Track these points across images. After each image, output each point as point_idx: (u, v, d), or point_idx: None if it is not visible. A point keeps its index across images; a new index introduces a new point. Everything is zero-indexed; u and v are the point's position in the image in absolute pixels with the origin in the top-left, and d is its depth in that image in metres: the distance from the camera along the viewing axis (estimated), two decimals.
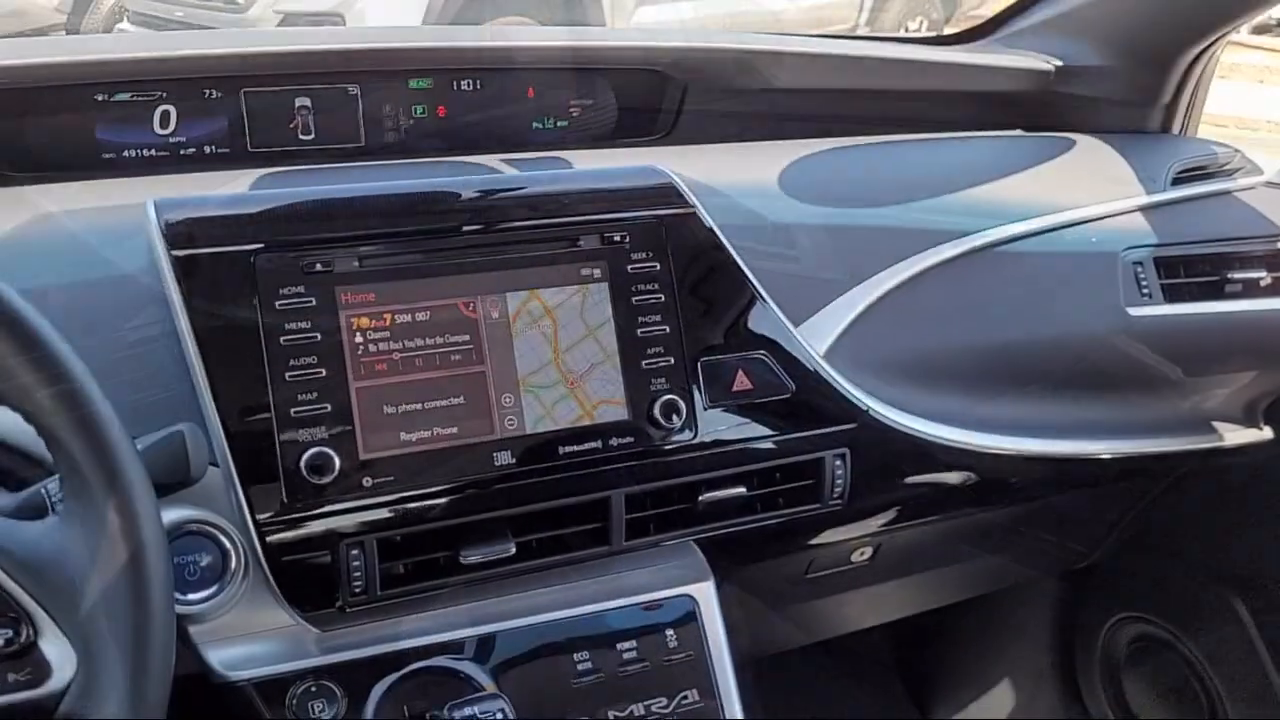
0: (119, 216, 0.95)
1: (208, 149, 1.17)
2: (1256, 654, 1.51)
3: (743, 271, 1.05)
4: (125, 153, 1.14)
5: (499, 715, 0.84)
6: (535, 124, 1.28)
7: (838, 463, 1.07)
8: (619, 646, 0.97)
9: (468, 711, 0.84)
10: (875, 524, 1.18)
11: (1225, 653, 1.56)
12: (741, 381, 1.03)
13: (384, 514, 0.90)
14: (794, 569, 1.29)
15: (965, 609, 1.91)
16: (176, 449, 0.77)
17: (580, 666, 0.95)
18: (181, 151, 1.16)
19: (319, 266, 0.90)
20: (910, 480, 1.16)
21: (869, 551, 1.33)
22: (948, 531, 1.36)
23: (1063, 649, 1.83)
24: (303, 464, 0.87)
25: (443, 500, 0.92)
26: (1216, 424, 1.35)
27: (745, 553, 1.13)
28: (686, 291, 1.02)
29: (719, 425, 1.02)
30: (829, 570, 1.33)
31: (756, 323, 1.05)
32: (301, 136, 1.20)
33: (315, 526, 0.88)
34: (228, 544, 0.86)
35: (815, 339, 1.08)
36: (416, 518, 0.91)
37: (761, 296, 1.05)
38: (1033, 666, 1.87)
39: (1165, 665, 1.64)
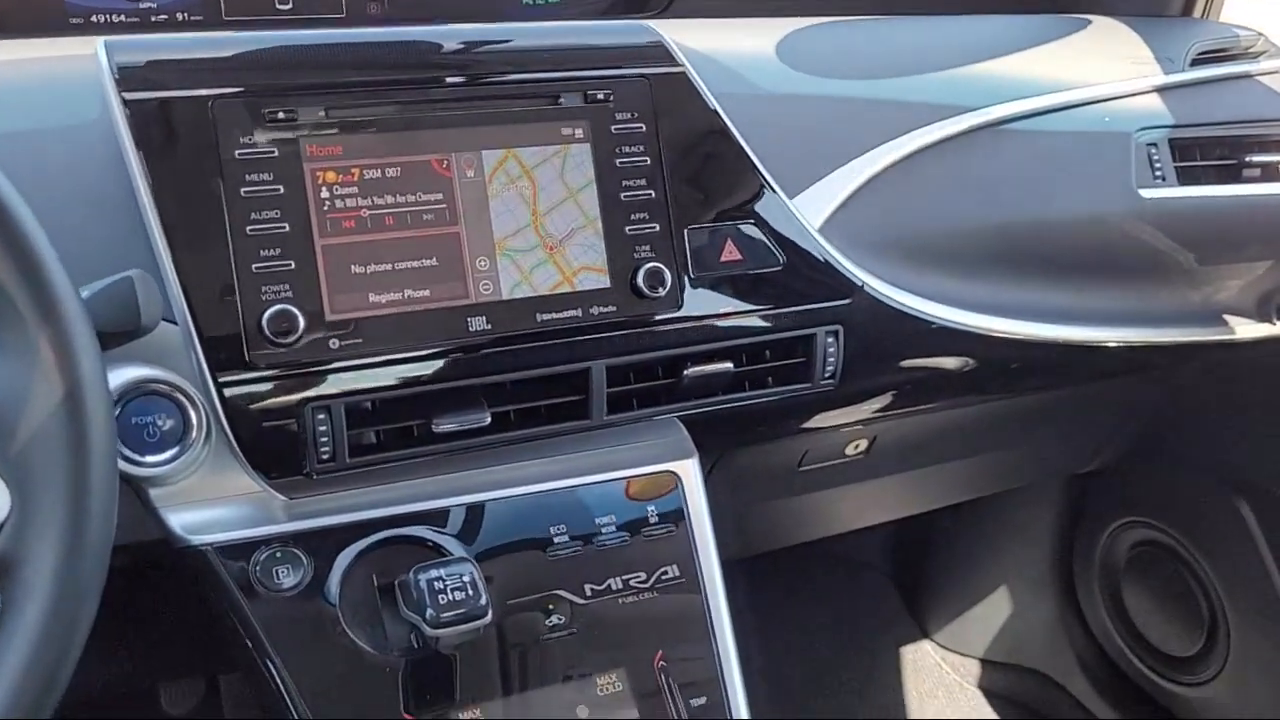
0: (73, 65, 0.90)
1: (180, 15, 1.12)
2: (1261, 559, 1.48)
3: (734, 137, 1.00)
4: (94, 17, 1.09)
5: (466, 578, 0.81)
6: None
7: (830, 340, 1.03)
8: (598, 521, 0.93)
9: (434, 574, 0.81)
10: (869, 409, 1.14)
11: (1229, 558, 1.53)
12: (730, 251, 0.98)
13: (352, 378, 0.86)
14: (786, 459, 1.26)
15: (962, 515, 1.88)
16: (125, 294, 0.73)
17: (557, 540, 0.91)
18: (153, 18, 1.11)
19: (282, 115, 0.85)
20: (905, 364, 1.11)
21: (864, 445, 1.30)
22: (945, 425, 1.33)
23: (1061, 556, 1.80)
24: (265, 322, 0.83)
25: (414, 365, 0.88)
26: (1228, 317, 1.30)
27: (733, 435, 1.10)
28: (674, 156, 0.97)
29: (706, 297, 0.97)
30: (822, 463, 1.30)
31: (747, 191, 1.00)
32: (279, 5, 1.14)
33: (279, 389, 0.85)
34: (188, 405, 0.83)
35: (810, 212, 1.03)
36: (386, 383, 0.87)
37: (753, 164, 1.00)
38: (1030, 574, 1.85)
39: (1166, 571, 1.61)
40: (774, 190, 1.01)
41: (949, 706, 1.89)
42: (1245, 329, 1.30)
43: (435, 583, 0.80)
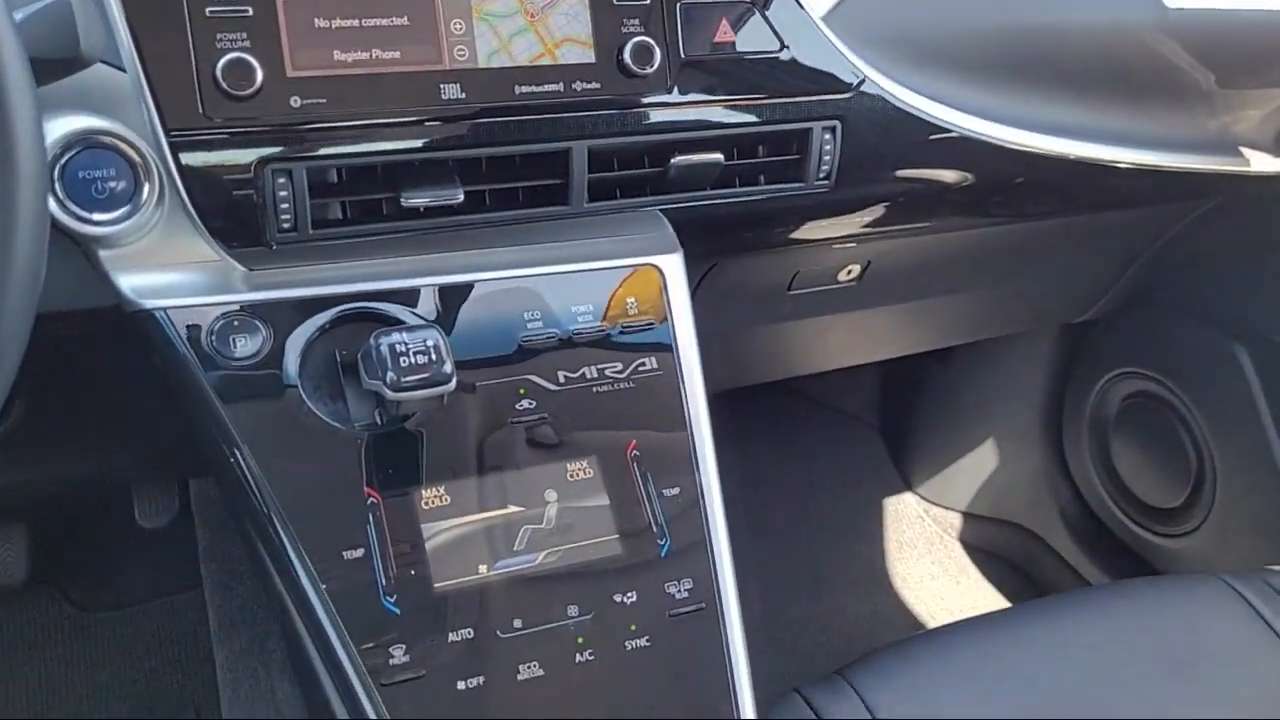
0: None
1: None
2: (1256, 410, 1.45)
3: None
4: None
5: (430, 343, 0.77)
6: None
7: (827, 137, 0.97)
8: (574, 310, 0.89)
9: (396, 338, 0.77)
10: (861, 221, 1.09)
11: (1223, 408, 1.50)
12: (725, 31, 0.92)
13: (314, 140, 0.81)
14: (776, 279, 1.21)
15: (953, 366, 1.86)
16: (63, 15, 0.67)
17: (530, 326, 0.87)
18: None
19: None
20: (903, 173, 1.06)
21: (856, 270, 1.25)
22: (941, 255, 1.28)
23: (1050, 410, 1.78)
24: (219, 72, 0.77)
25: (381, 132, 0.82)
26: (1244, 149, 1.24)
27: (720, 239, 1.05)
28: None
29: (697, 80, 0.91)
30: (813, 288, 1.25)
31: None
32: None
33: (236, 147, 0.79)
34: (138, 161, 0.77)
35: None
36: (350, 148, 0.82)
37: None
38: (1018, 427, 1.83)
39: (1157, 422, 1.59)
40: None
41: (928, 557, 1.90)
42: (1261, 162, 1.25)
43: (397, 346, 0.76)
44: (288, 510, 0.77)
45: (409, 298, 0.85)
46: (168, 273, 0.81)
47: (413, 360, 0.76)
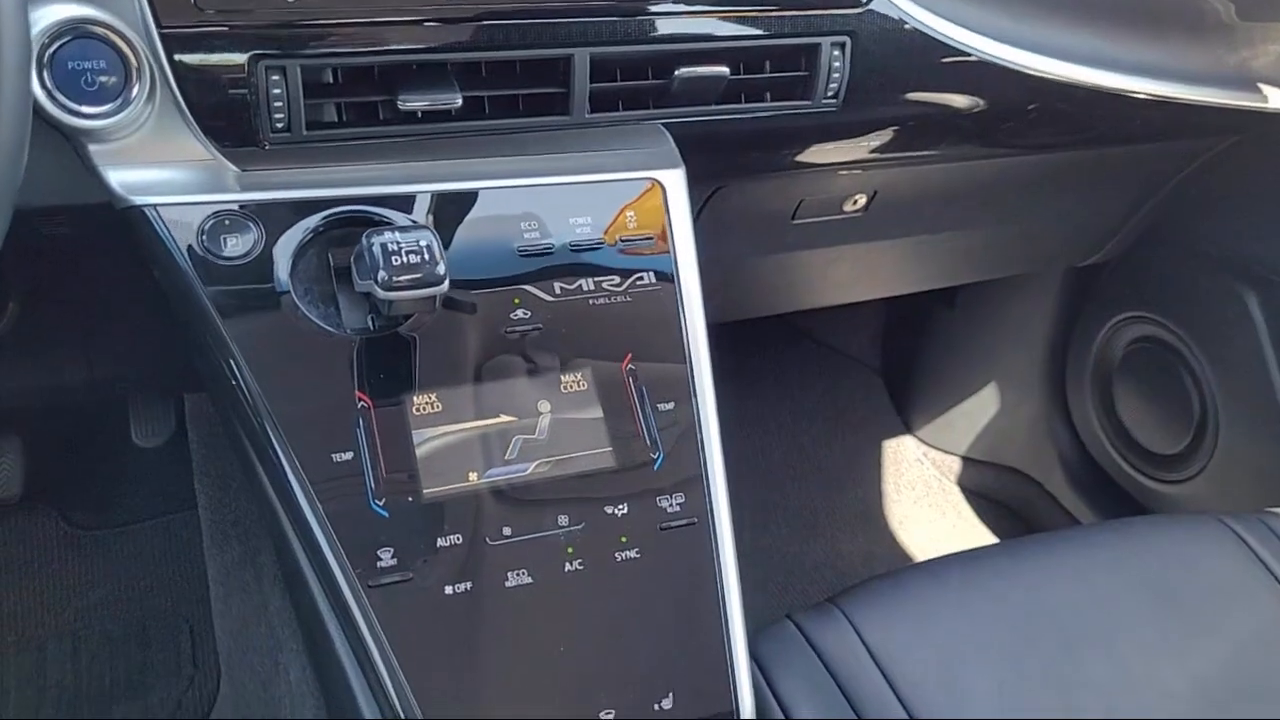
0: None
1: None
2: (1262, 356, 1.44)
3: None
4: None
5: (423, 243, 0.75)
6: None
7: (835, 53, 0.95)
8: (571, 221, 0.87)
9: (388, 237, 0.76)
10: (869, 145, 1.06)
11: (1229, 353, 1.49)
12: None
13: (309, 38, 0.79)
14: (780, 207, 1.19)
15: (957, 310, 1.84)
16: None
17: (527, 236, 0.86)
18: None
19: None
20: (913, 96, 1.03)
21: (862, 200, 1.23)
22: (949, 187, 1.26)
23: (1054, 354, 1.77)
24: None
25: (378, 31, 0.80)
26: (1263, 86, 1.22)
27: (723, 159, 1.03)
28: None
29: None
30: (818, 217, 1.23)
31: None
32: None
33: (229, 43, 0.77)
34: (129, 53, 0.76)
35: None
36: (346, 46, 0.80)
37: None
38: (1020, 372, 1.82)
39: (1162, 367, 1.58)
40: None
41: (925, 500, 1.90)
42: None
43: (389, 245, 0.75)
44: (276, 411, 0.77)
45: (403, 204, 0.84)
46: (159, 170, 0.80)
47: (405, 259, 0.74)
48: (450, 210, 0.85)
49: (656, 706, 0.77)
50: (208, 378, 0.84)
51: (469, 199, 0.86)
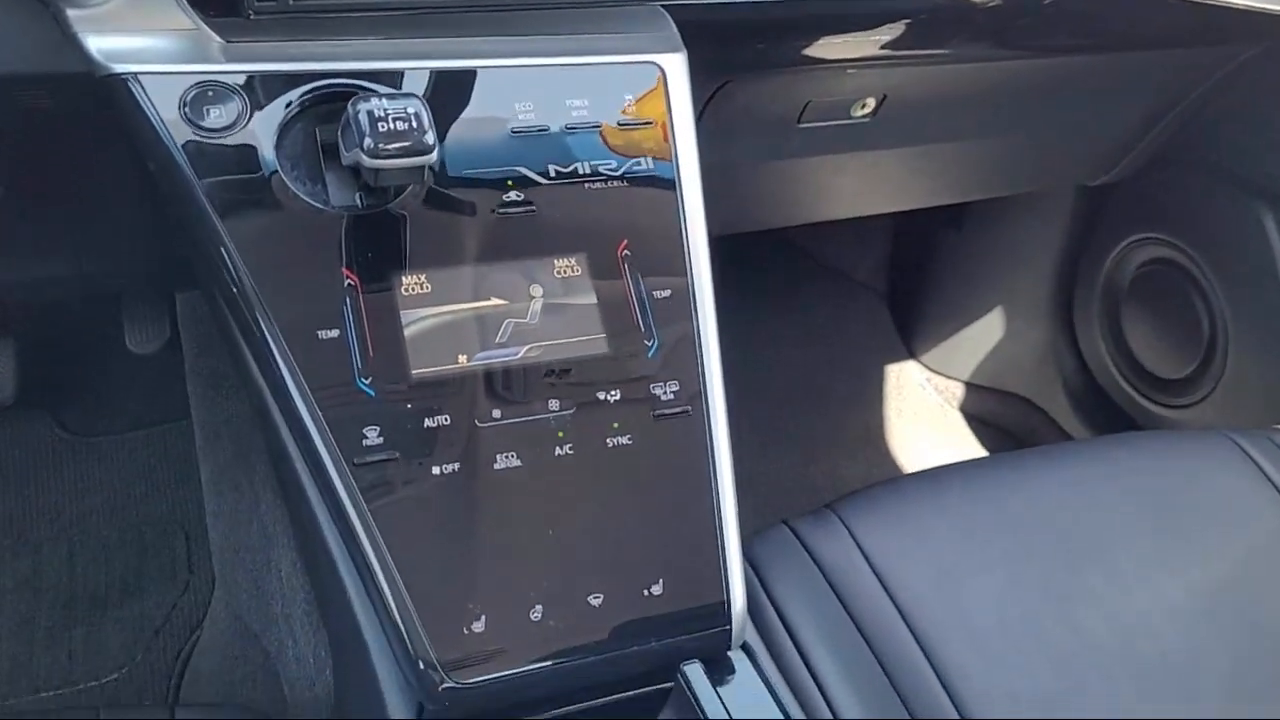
0: None
1: None
2: (1276, 276, 1.41)
3: None
4: None
5: (411, 110, 0.73)
6: None
7: None
8: (568, 103, 0.84)
9: (375, 104, 0.73)
10: (880, 40, 1.03)
11: (1242, 274, 1.46)
12: None
13: None
14: (786, 108, 1.16)
15: (965, 232, 1.81)
16: None
17: (522, 117, 0.83)
18: None
19: None
20: None
21: (871, 104, 1.20)
22: (959, 90, 1.22)
23: (1062, 280, 1.74)
24: None
25: None
26: None
27: (727, 48, 0.99)
28: None
29: None
30: (825, 121, 1.20)
31: None
32: None
33: None
34: None
35: None
36: None
37: None
38: (1028, 299, 1.79)
39: (1172, 290, 1.55)
40: None
41: (927, 425, 1.88)
42: None
43: (376, 112, 0.72)
44: (261, 287, 0.74)
45: (392, 80, 0.81)
46: (140, 38, 0.77)
47: (392, 127, 0.72)
48: (442, 88, 0.82)
49: (645, 592, 0.75)
50: (194, 261, 0.82)
51: (461, 77, 0.83)
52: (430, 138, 0.73)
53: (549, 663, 0.73)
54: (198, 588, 1.40)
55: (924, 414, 1.89)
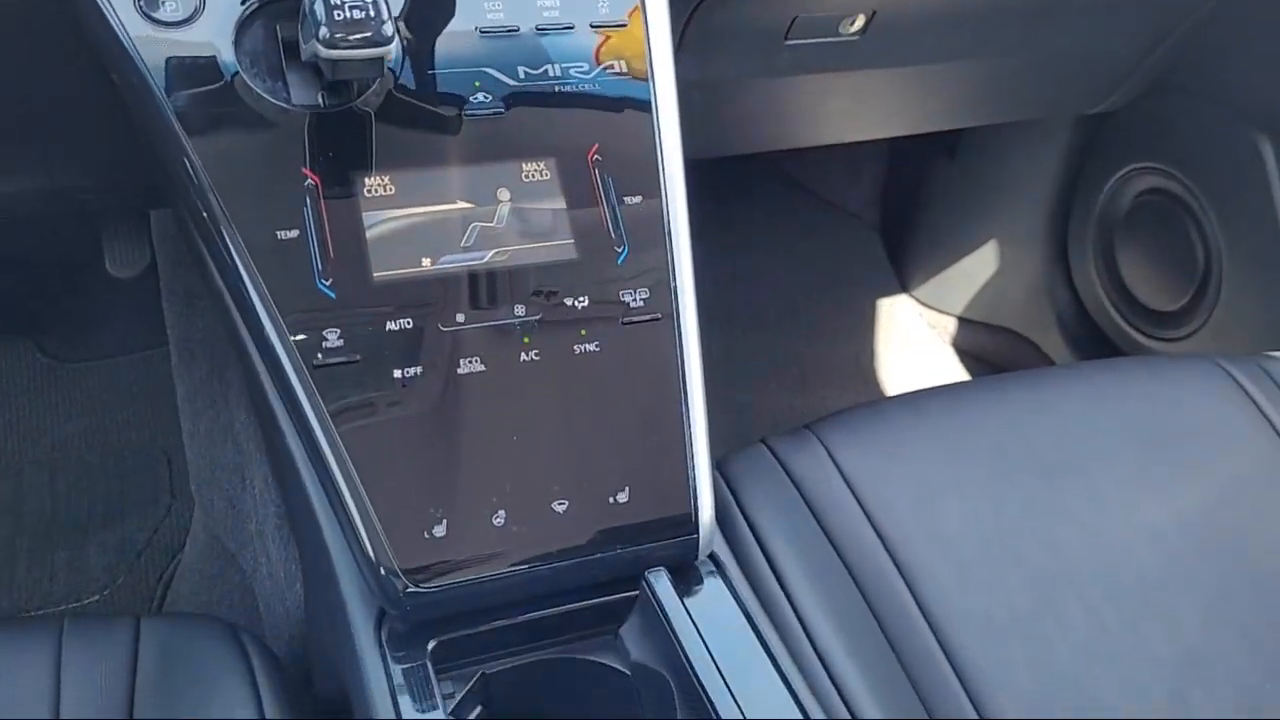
0: None
1: None
2: (1271, 204, 1.38)
3: None
4: None
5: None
6: None
7: None
8: (538, 3, 0.81)
9: None
10: None
11: (1238, 204, 1.43)
12: None
13: None
14: (771, 23, 1.13)
15: (959, 163, 1.78)
16: None
17: (490, 16, 0.79)
18: None
19: None
20: None
21: (860, 21, 1.16)
22: (951, 7, 1.19)
23: (1058, 210, 1.71)
24: None
25: None
26: None
27: None
28: None
29: None
30: (813, 38, 1.17)
31: None
32: None
33: None
34: None
35: None
36: None
37: None
38: (1021, 231, 1.77)
39: (1167, 221, 1.52)
40: None
41: (918, 360, 1.86)
42: None
43: (332, 0, 0.70)
44: (219, 185, 0.73)
45: None
46: None
47: (349, 15, 0.69)
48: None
49: (611, 500, 0.74)
50: (152, 153, 0.79)
51: None
52: (389, 29, 0.71)
53: (510, 568, 0.72)
54: (179, 511, 1.40)
55: (915, 348, 1.87)
